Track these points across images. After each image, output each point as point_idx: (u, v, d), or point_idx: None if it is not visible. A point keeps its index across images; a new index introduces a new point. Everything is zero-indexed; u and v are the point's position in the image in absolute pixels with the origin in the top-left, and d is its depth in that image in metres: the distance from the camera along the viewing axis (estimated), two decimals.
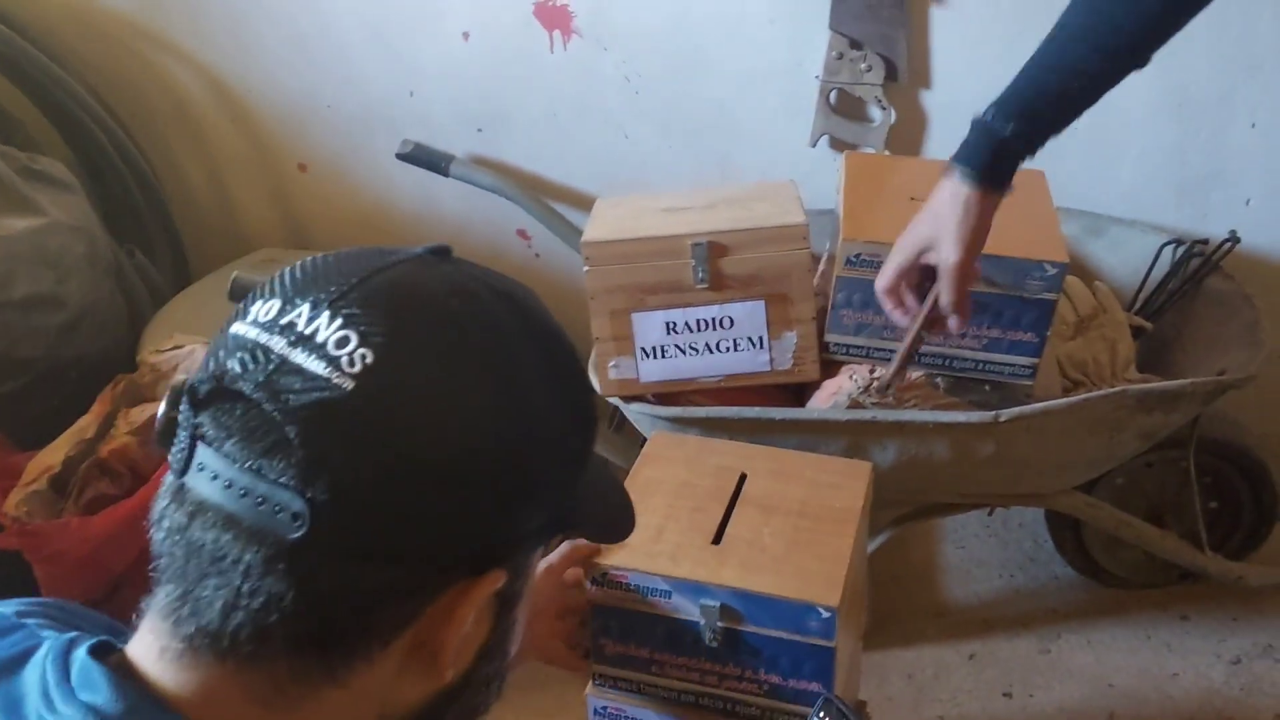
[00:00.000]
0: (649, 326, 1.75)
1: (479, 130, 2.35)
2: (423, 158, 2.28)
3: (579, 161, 2.34)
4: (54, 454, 1.82)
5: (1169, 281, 2.01)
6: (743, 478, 1.50)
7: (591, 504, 0.74)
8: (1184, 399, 1.70)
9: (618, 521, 0.78)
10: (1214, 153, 2.08)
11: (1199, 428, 1.87)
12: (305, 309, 0.61)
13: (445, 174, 2.27)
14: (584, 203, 2.31)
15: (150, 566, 0.63)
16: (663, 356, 1.77)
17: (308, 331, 0.60)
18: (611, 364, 1.78)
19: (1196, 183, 2.11)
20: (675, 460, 1.56)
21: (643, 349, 1.76)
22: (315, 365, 0.59)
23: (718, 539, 1.40)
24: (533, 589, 0.74)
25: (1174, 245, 2.01)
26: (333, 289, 0.62)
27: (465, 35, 2.24)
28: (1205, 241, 2.00)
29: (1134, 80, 2.02)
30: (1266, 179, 2.08)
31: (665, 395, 1.81)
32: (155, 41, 2.39)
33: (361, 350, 0.59)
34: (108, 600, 1.82)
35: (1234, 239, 1.96)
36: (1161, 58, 1.99)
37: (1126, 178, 2.12)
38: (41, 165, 2.15)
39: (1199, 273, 1.98)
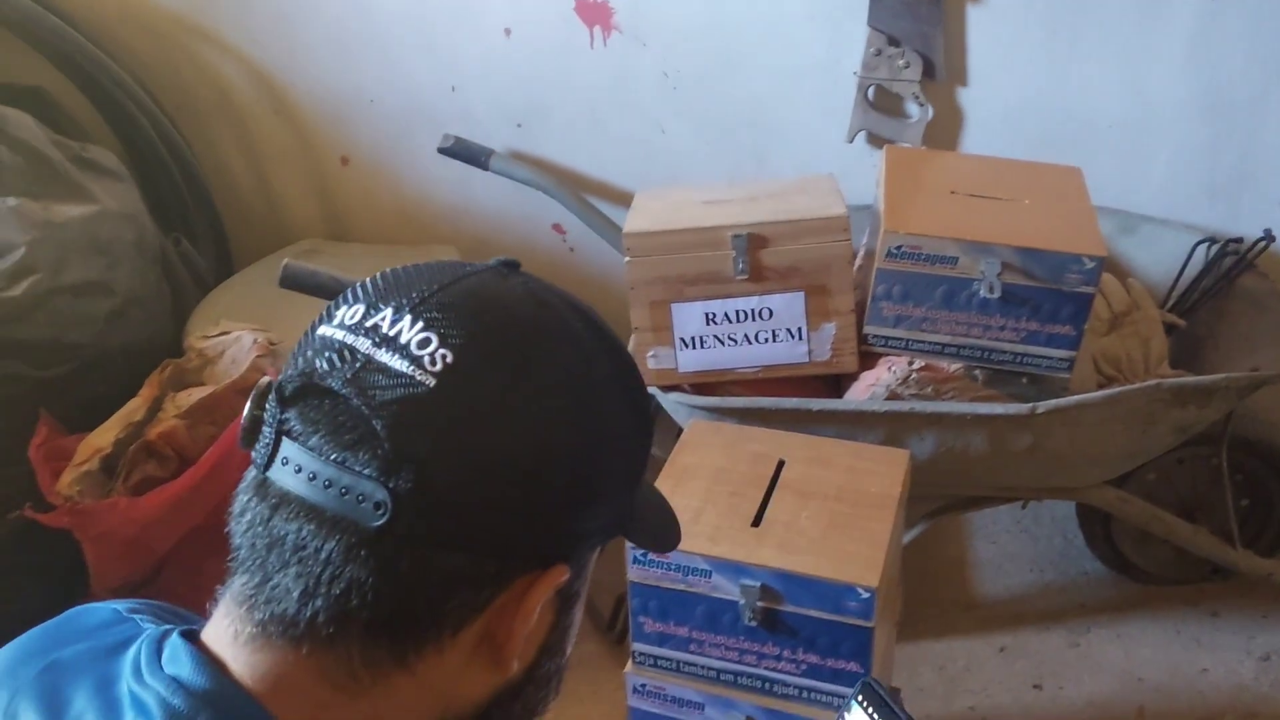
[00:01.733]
0: (688, 317, 1.78)
1: (518, 125, 2.38)
2: (463, 152, 2.32)
3: (616, 156, 2.37)
4: (104, 436, 1.86)
5: (1202, 279, 2.03)
6: (780, 464, 1.53)
7: (645, 511, 0.77)
8: (1217, 394, 1.72)
9: (668, 531, 0.81)
10: (1247, 153, 2.09)
11: (1231, 425, 1.88)
12: (389, 313, 0.65)
13: (485, 168, 2.30)
14: (621, 198, 2.34)
15: (229, 558, 0.67)
16: (701, 347, 1.79)
17: (391, 333, 0.64)
18: (650, 354, 1.81)
19: (1229, 182, 2.12)
20: (713, 447, 1.59)
21: (681, 339, 1.79)
22: (399, 364, 0.62)
23: (756, 522, 1.43)
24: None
25: (1207, 244, 2.03)
26: (414, 295, 0.65)
27: (507, 31, 2.28)
28: (1239, 240, 2.01)
29: (1167, 80, 2.05)
30: None
31: (703, 385, 1.83)
32: (203, 36, 2.43)
33: (442, 351, 0.62)
34: (151, 580, 1.86)
35: (1269, 237, 1.97)
36: (1195, 58, 2.02)
37: (1159, 177, 2.14)
38: (93, 154, 2.19)
39: (1232, 271, 1.99)
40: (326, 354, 0.64)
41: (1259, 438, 1.97)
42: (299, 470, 0.62)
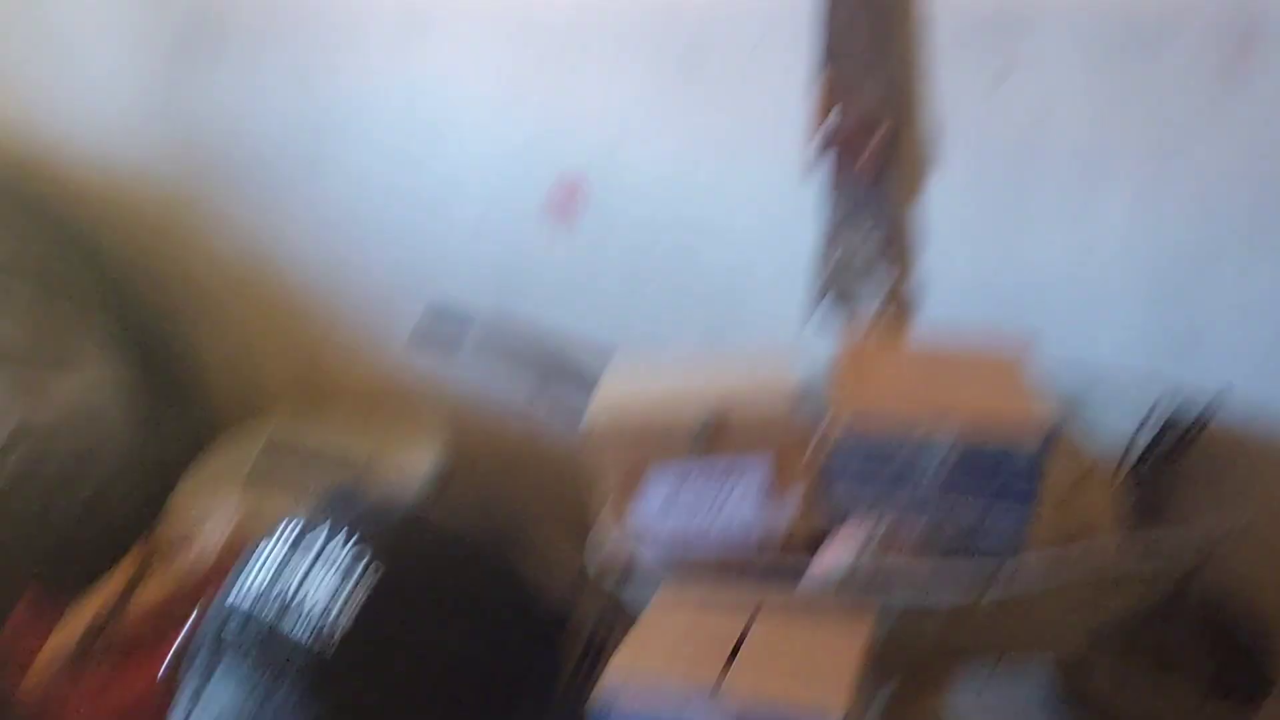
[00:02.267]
0: (652, 494, 1.82)
1: (494, 303, 2.48)
2: (440, 332, 2.40)
3: (591, 328, 2.46)
4: (82, 615, 1.88)
5: (1161, 438, 2.06)
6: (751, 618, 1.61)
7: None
8: (1176, 554, 1.74)
9: None
10: (1198, 312, 2.12)
11: (1196, 582, 1.90)
12: (323, 534, 0.70)
13: (460, 348, 2.39)
14: (594, 370, 2.42)
15: None
16: (665, 521, 1.83)
17: (322, 556, 0.69)
18: (615, 531, 1.84)
19: (1183, 341, 2.16)
20: (682, 608, 1.65)
21: (645, 515, 1.83)
22: (329, 583, 0.67)
23: (727, 663, 1.49)
24: None
25: (1164, 402, 2.06)
26: (348, 521, 0.71)
27: (479, 219, 2.40)
28: (1195, 397, 2.05)
29: (1115, 244, 2.11)
30: (1254, 336, 2.13)
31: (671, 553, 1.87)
32: (192, 210, 2.54)
33: (363, 577, 0.67)
34: None
35: (1222, 396, 2.01)
36: (1140, 223, 2.09)
37: (1113, 338, 2.18)
38: (86, 323, 2.27)
39: (1190, 429, 2.03)
40: (256, 594, 0.69)
41: (1229, 588, 1.99)
42: (231, 690, 0.67)
